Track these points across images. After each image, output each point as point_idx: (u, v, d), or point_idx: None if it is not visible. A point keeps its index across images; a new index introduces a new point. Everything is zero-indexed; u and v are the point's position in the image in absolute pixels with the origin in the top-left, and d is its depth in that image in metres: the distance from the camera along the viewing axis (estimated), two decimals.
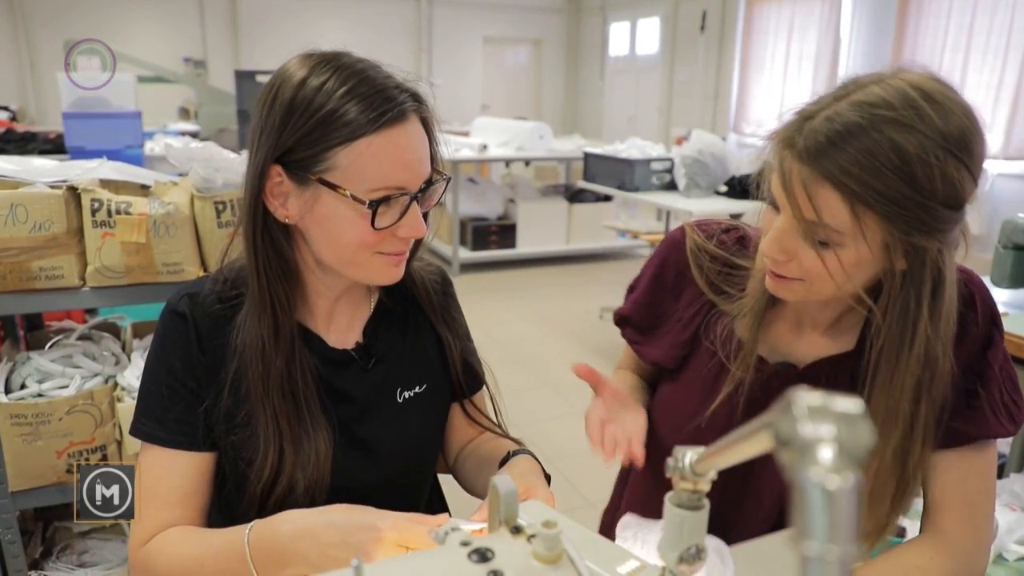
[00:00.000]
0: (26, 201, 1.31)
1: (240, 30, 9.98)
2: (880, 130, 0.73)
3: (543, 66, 11.88)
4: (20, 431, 1.41)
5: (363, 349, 1.01)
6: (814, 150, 0.75)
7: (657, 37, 9.99)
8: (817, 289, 0.84)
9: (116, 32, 8.94)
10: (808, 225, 0.78)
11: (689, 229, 1.08)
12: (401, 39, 10.86)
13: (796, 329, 0.99)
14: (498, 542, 0.53)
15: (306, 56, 0.89)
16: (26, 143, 4.80)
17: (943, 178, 0.74)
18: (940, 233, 0.78)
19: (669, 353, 1.06)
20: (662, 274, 1.09)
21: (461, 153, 5.80)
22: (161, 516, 0.90)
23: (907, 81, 0.76)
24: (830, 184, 0.75)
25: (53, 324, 1.83)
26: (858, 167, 0.73)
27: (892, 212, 0.75)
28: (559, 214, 6.18)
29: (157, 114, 7.45)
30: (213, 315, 0.94)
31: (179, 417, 0.92)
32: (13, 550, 1.49)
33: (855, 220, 0.76)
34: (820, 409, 0.32)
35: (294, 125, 0.84)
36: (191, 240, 1.44)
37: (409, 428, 1.03)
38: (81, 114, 3.95)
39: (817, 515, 0.30)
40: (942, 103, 0.75)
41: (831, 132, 0.75)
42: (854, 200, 0.75)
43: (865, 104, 0.75)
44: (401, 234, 0.89)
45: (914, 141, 0.73)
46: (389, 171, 0.85)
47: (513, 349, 4.14)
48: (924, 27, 6.55)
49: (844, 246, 0.78)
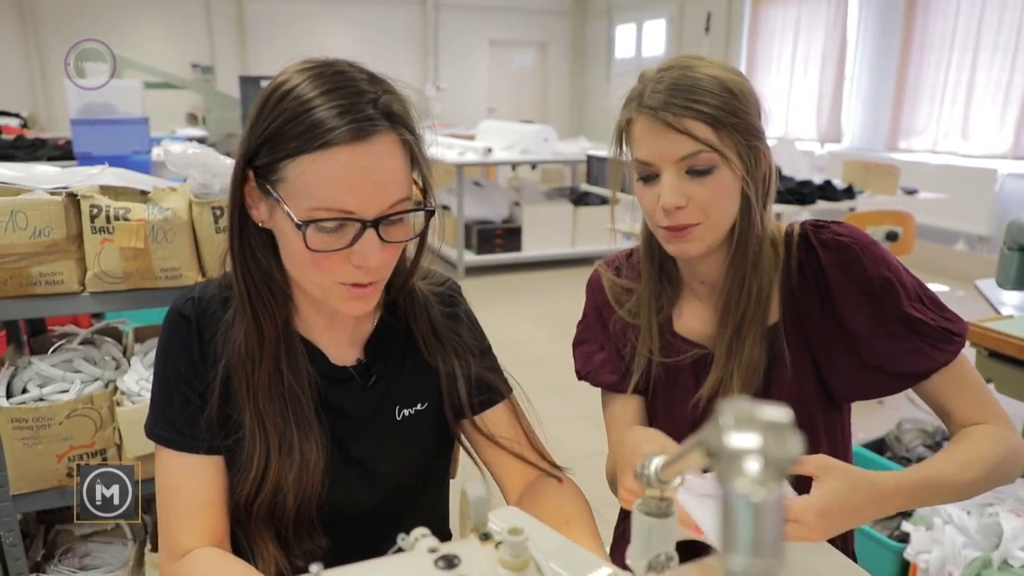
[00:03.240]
0: (26, 207, 1.32)
1: (247, 36, 10.04)
2: (704, 72, 0.95)
3: (549, 69, 11.89)
4: (21, 435, 1.42)
5: (363, 367, 0.99)
6: (670, 101, 0.94)
7: (663, 39, 9.98)
8: (715, 221, 0.98)
9: (125, 38, 9.01)
10: (690, 160, 0.95)
11: (601, 269, 1.21)
12: (407, 43, 10.89)
13: (711, 309, 1.10)
14: (466, 548, 0.53)
15: (301, 61, 0.85)
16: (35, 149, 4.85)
17: (752, 96, 0.98)
18: (762, 137, 0.99)
19: (634, 372, 1.13)
20: (596, 317, 1.19)
21: (466, 156, 5.82)
22: (186, 524, 0.89)
23: (696, 57, 1.00)
24: (691, 116, 0.93)
25: (56, 329, 1.85)
26: (705, 96, 0.94)
27: (737, 123, 0.95)
28: (564, 217, 6.18)
29: (165, 120, 7.50)
30: (216, 318, 0.94)
31: (190, 420, 0.92)
32: (15, 553, 1.50)
33: (718, 137, 0.94)
34: (747, 419, 0.31)
35: (257, 129, 0.82)
36: (189, 245, 1.45)
37: (406, 447, 1.01)
38: (88, 120, 3.99)
39: (742, 528, 0.30)
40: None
41: (673, 85, 0.95)
42: (713, 121, 0.94)
43: (680, 65, 0.97)
44: (353, 262, 0.83)
45: (729, 76, 0.97)
46: (332, 192, 0.79)
47: (517, 352, 4.14)
48: (932, 27, 6.51)
49: (718, 167, 0.95)
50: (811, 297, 1.04)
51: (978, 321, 1.86)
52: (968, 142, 6.30)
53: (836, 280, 1.02)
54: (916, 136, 6.78)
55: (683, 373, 1.10)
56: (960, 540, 1.83)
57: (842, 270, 1.02)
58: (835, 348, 1.04)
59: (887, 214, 3.65)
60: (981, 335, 1.82)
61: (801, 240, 1.05)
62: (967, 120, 6.30)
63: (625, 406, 1.16)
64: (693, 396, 1.08)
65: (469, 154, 5.89)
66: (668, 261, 1.12)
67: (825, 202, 4.18)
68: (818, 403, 1.07)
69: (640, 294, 1.13)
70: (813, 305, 1.04)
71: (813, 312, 1.04)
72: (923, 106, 6.69)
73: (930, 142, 6.63)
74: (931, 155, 6.57)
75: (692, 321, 1.12)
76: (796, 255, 1.05)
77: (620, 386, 1.15)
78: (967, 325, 1.04)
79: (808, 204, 4.09)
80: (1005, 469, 0.98)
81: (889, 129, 7.02)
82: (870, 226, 3.50)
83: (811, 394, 1.06)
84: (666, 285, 1.13)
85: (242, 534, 0.96)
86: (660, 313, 1.12)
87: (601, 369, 1.16)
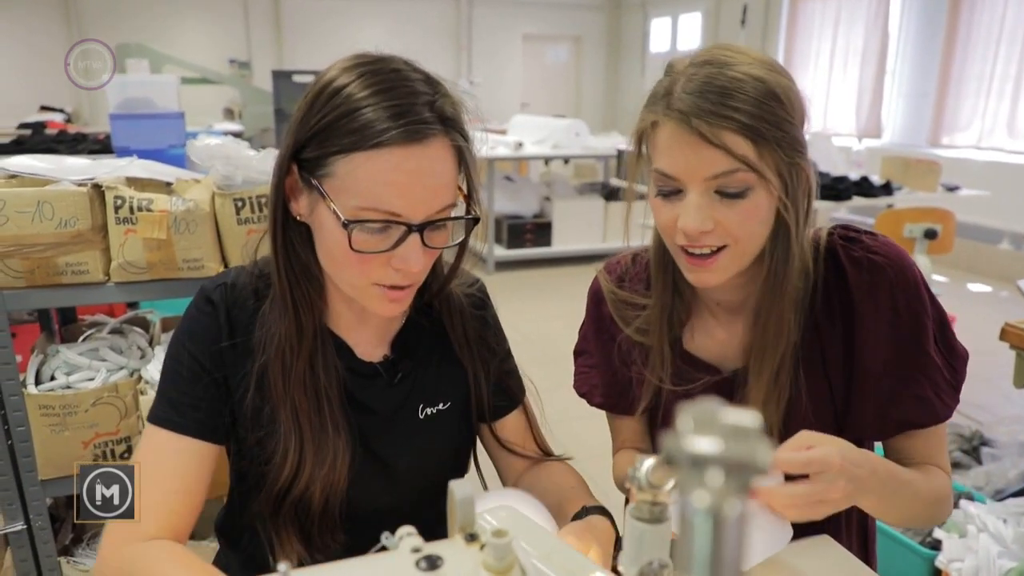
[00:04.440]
0: (52, 198, 1.35)
1: (283, 31, 10.15)
2: (745, 72, 0.81)
3: (583, 63, 11.82)
4: (48, 421, 1.45)
5: (390, 363, 0.98)
6: (704, 107, 0.80)
7: (699, 33, 9.86)
8: (742, 248, 0.86)
9: (163, 34, 9.18)
10: (722, 180, 0.82)
11: (602, 278, 1.10)
12: (441, 38, 10.92)
13: (727, 330, 1.01)
14: (450, 549, 0.51)
15: (354, 55, 0.84)
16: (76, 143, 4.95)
17: (798, 101, 0.85)
18: (805, 151, 0.86)
19: (643, 398, 1.05)
20: (601, 327, 1.10)
21: (497, 151, 5.81)
22: (154, 499, 0.85)
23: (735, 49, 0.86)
24: (729, 128, 0.80)
25: (87, 318, 1.88)
26: (747, 104, 0.80)
27: (781, 137, 0.82)
28: (595, 212, 6.14)
29: (203, 114, 7.61)
30: (248, 308, 0.92)
31: (194, 403, 0.90)
32: (43, 536, 1.54)
33: (758, 154, 0.81)
34: (709, 423, 0.28)
35: (307, 122, 0.80)
36: (211, 236, 1.46)
37: (427, 446, 1.00)
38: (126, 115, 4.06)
39: (699, 546, 0.26)
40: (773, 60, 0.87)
41: (708, 86, 0.81)
42: (754, 135, 0.80)
43: (717, 61, 0.83)
44: (393, 264, 0.82)
45: (774, 77, 0.83)
46: (382, 194, 0.78)
47: (545, 347, 4.13)
48: (978, 18, 6.32)
49: (753, 189, 0.83)
50: (834, 321, 0.95)
51: (1017, 322, 1.79)
52: (1015, 138, 6.10)
53: (863, 307, 0.92)
54: (960, 131, 6.60)
55: (693, 400, 1.03)
56: (995, 549, 1.78)
57: (871, 296, 0.92)
58: (851, 380, 0.95)
59: (926, 211, 3.55)
60: (1022, 337, 1.75)
61: (828, 255, 0.95)
62: (1014, 115, 6.11)
63: (624, 425, 1.12)
64: None
65: (500, 148, 5.88)
66: (680, 277, 1.00)
67: (861, 198, 4.08)
68: None
69: (651, 312, 1.02)
70: (836, 331, 0.95)
71: (835, 339, 0.95)
72: (968, 100, 6.50)
73: (975, 138, 6.44)
74: (975, 151, 6.39)
75: (706, 340, 1.02)
76: (822, 272, 0.94)
77: (615, 408, 1.10)
78: (965, 372, 0.96)
79: (843, 200, 4.00)
80: (940, 511, 0.96)
81: (932, 124, 6.84)
82: (908, 223, 3.41)
83: (829, 431, 0.98)
84: (678, 301, 1.02)
85: (264, 527, 0.95)
86: (671, 332, 1.02)
87: (594, 391, 1.10)
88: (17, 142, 4.66)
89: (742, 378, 0.98)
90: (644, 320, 1.03)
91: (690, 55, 0.88)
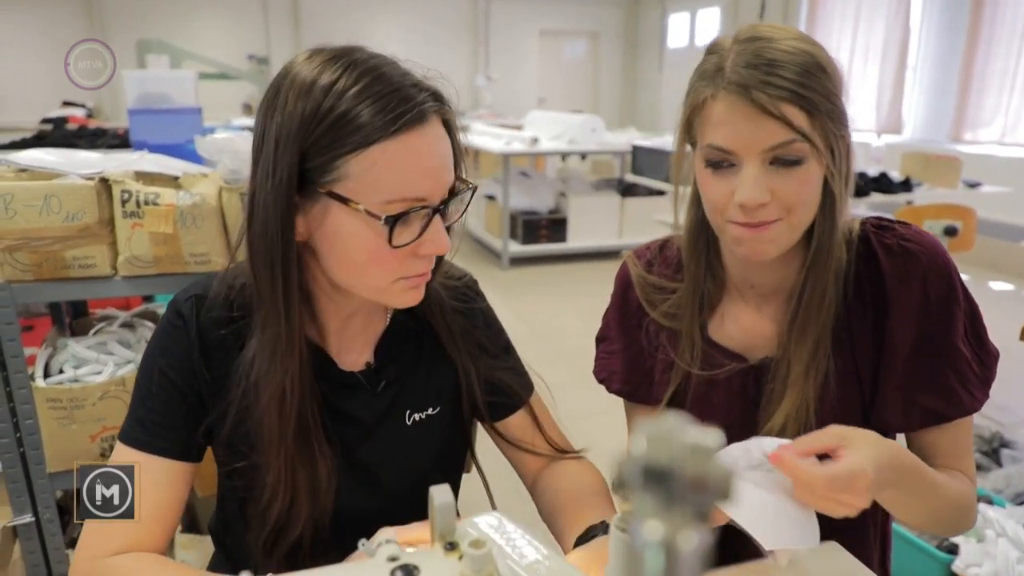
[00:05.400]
0: (59, 192, 1.35)
1: (301, 26, 10.20)
2: (792, 46, 0.82)
3: (600, 59, 11.77)
4: (56, 414, 1.46)
5: (373, 372, 0.94)
6: (763, 79, 0.81)
7: (717, 28, 9.77)
8: (796, 219, 0.87)
9: (183, 30, 9.26)
10: (779, 151, 0.82)
11: (630, 263, 1.09)
12: (458, 33, 10.92)
13: (756, 316, 1.00)
14: (428, 559, 0.49)
15: (314, 52, 0.79)
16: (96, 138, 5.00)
17: (839, 74, 0.86)
18: (848, 123, 0.88)
19: (663, 386, 1.04)
20: (626, 313, 1.09)
21: (512, 146, 5.79)
22: (129, 524, 0.82)
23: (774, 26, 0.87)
24: (787, 99, 0.81)
25: (97, 312, 1.89)
26: (800, 76, 0.81)
27: (832, 109, 0.83)
28: (611, 208, 6.10)
29: (221, 110, 7.66)
30: (222, 324, 0.87)
31: (164, 421, 0.86)
32: (51, 528, 1.55)
33: (811, 125, 0.82)
34: (666, 442, 0.24)
35: (303, 131, 0.75)
36: (218, 231, 1.46)
37: (416, 452, 0.97)
38: (144, 110, 4.10)
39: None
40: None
41: (760, 59, 0.81)
42: (810, 106, 0.81)
43: (761, 36, 0.84)
44: (423, 251, 0.79)
45: (817, 50, 0.84)
46: (408, 181, 0.75)
47: (558, 343, 4.11)
48: (1002, 12, 6.21)
49: (807, 159, 0.83)
50: (865, 309, 0.93)
51: None
52: None
53: (895, 293, 0.91)
54: (982, 127, 6.49)
55: (716, 390, 1.00)
56: (1014, 555, 1.74)
57: (903, 283, 0.91)
58: (879, 369, 0.94)
59: (946, 208, 3.49)
60: None
61: (861, 242, 0.95)
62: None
63: (641, 416, 1.10)
64: (727, 417, 0.98)
65: (515, 144, 5.86)
66: (716, 259, 1.01)
67: (880, 195, 4.02)
68: None
69: (682, 296, 1.01)
70: (866, 319, 0.94)
71: (865, 327, 0.94)
72: (990, 95, 6.40)
73: (997, 133, 6.34)
74: (998, 147, 6.28)
75: (733, 328, 1.01)
76: (853, 258, 0.94)
77: (633, 397, 1.08)
78: (996, 370, 0.94)
79: (862, 196, 3.94)
80: (962, 519, 0.93)
81: (953, 120, 6.74)
82: (927, 220, 3.35)
83: (856, 422, 0.92)
84: (710, 283, 1.01)
85: (253, 554, 0.92)
86: (700, 315, 1.01)
87: (613, 377, 1.09)
88: (38, 137, 4.71)
89: (768, 367, 0.96)
90: (673, 304, 1.02)
91: (732, 35, 0.88)
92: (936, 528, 0.94)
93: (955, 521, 0.93)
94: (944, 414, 0.92)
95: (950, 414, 0.91)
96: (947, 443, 0.94)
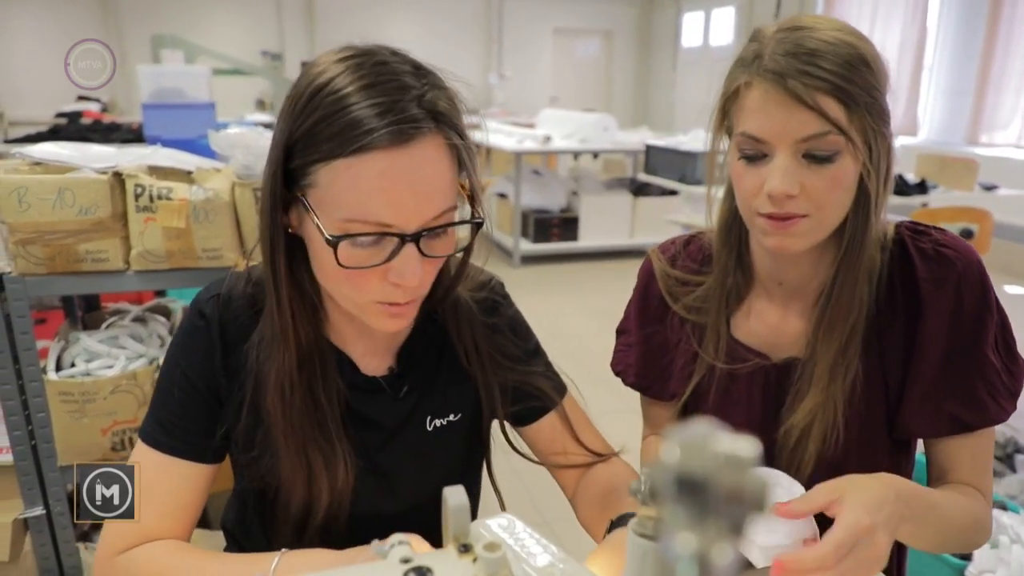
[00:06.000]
0: (73, 186, 1.35)
1: (315, 22, 10.21)
2: (835, 37, 0.81)
3: (614, 58, 11.73)
4: (68, 408, 1.47)
5: (395, 376, 0.92)
6: (801, 68, 0.79)
7: (732, 27, 9.71)
8: (825, 216, 0.85)
9: (197, 25, 9.29)
10: (812, 143, 0.81)
11: (654, 256, 1.08)
12: (471, 30, 10.91)
13: (781, 314, 0.98)
14: (442, 561, 0.49)
15: (340, 48, 0.75)
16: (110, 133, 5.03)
17: (884, 70, 0.85)
18: (890, 121, 0.86)
19: (682, 381, 1.03)
20: (646, 307, 1.08)
21: (524, 144, 5.78)
22: (147, 524, 0.82)
23: (819, 17, 0.86)
24: (824, 90, 0.79)
25: (109, 306, 1.90)
26: (840, 67, 0.79)
27: (871, 104, 0.81)
28: (623, 207, 6.08)
29: (235, 106, 7.70)
30: (244, 320, 0.86)
31: (186, 425, 0.86)
32: (62, 521, 1.55)
33: (848, 118, 0.80)
34: (699, 451, 0.23)
35: (289, 126, 0.73)
36: (231, 226, 1.46)
37: (434, 459, 0.95)
38: (159, 105, 4.13)
39: None
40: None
41: (801, 48, 0.80)
42: (848, 99, 0.79)
43: (804, 26, 0.83)
44: (390, 279, 0.74)
45: (862, 43, 0.82)
46: (369, 203, 0.70)
47: (569, 343, 4.10)
48: (1020, 17, 6.14)
49: (841, 154, 0.82)
50: (896, 313, 0.92)
51: None
52: None
53: (929, 298, 0.89)
54: (1000, 130, 6.42)
55: (739, 385, 0.99)
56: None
57: (938, 288, 0.89)
58: (907, 375, 0.92)
59: (962, 210, 3.46)
60: None
61: (896, 245, 0.93)
62: None
63: (656, 412, 1.10)
64: (749, 414, 0.97)
65: (528, 142, 5.85)
66: (745, 253, 0.99)
67: (895, 196, 3.99)
68: (886, 440, 0.95)
69: (710, 289, 1.00)
70: (897, 324, 0.92)
71: (896, 332, 0.92)
72: (1008, 97, 6.32)
73: (1014, 136, 6.27)
74: (1015, 150, 6.21)
75: (757, 325, 0.99)
76: (887, 262, 0.92)
77: (648, 391, 1.08)
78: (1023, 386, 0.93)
79: None
80: (974, 537, 0.91)
81: (970, 122, 6.67)
82: (942, 222, 3.32)
83: (880, 427, 0.94)
84: (739, 277, 0.99)
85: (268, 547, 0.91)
86: (727, 309, 1.00)
87: (628, 370, 1.09)
88: (53, 131, 4.75)
89: (792, 367, 0.95)
90: (698, 298, 1.01)
91: (773, 24, 0.87)
92: (945, 548, 0.91)
93: (964, 539, 0.91)
94: (969, 423, 0.90)
95: (975, 423, 0.90)
96: (967, 455, 0.92)
